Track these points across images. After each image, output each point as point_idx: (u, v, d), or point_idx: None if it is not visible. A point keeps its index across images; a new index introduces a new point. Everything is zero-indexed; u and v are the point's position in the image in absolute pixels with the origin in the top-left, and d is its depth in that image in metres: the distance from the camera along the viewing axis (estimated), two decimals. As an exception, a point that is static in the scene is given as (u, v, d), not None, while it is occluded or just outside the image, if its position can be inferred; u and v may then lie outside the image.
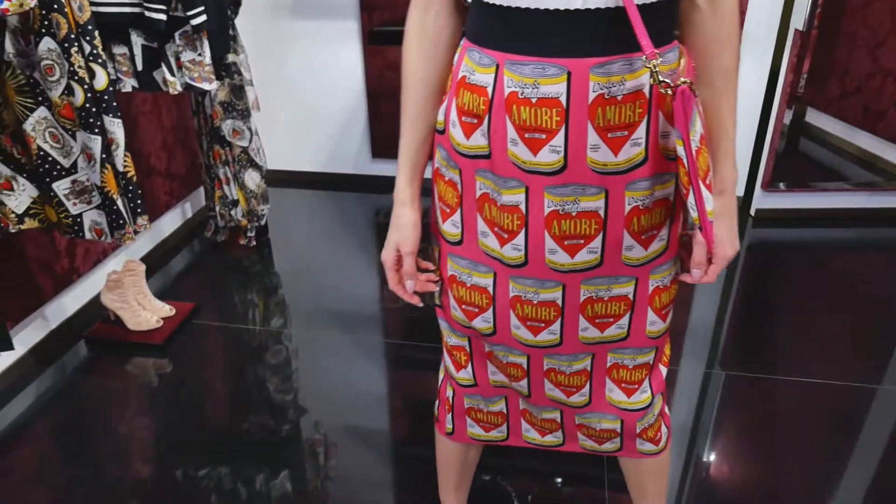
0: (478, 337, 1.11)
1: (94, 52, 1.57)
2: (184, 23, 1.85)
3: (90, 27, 1.56)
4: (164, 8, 1.79)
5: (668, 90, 0.80)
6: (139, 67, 1.92)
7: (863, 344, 2.16)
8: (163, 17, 1.80)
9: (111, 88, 1.63)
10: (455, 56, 0.95)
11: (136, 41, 1.88)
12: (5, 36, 1.54)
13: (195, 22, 1.83)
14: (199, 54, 1.92)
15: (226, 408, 1.99)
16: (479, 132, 0.90)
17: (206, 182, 2.62)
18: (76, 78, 1.55)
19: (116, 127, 1.64)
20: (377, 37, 2.70)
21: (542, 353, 1.07)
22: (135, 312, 2.15)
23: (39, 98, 1.60)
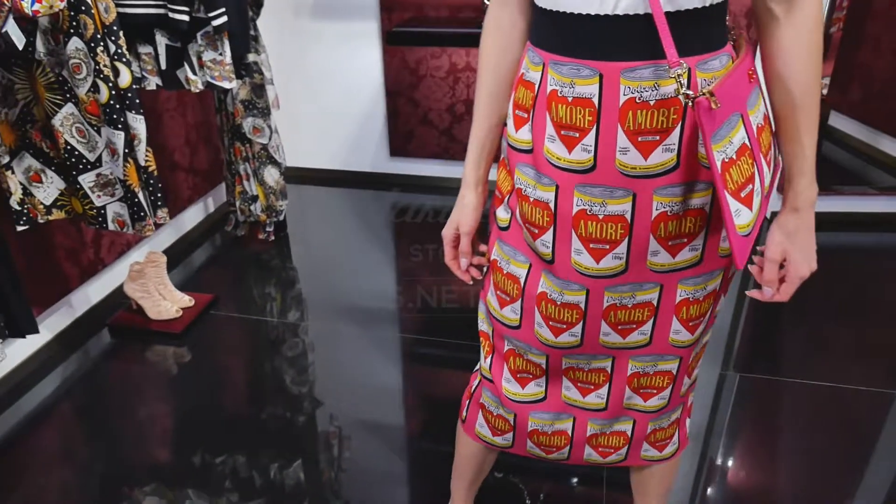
0: (502, 335, 1.12)
1: (119, 51, 1.65)
2: (205, 23, 1.92)
3: (115, 27, 1.63)
4: (186, 9, 1.86)
5: (688, 101, 0.80)
6: (163, 66, 2.00)
7: (879, 349, 2.14)
8: (185, 17, 1.87)
9: (134, 86, 1.71)
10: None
11: (161, 41, 1.96)
12: (37, 36, 1.62)
13: (216, 23, 1.90)
14: (220, 54, 1.98)
15: (242, 396, 2.05)
16: (526, 126, 0.95)
17: (228, 178, 2.70)
18: (101, 76, 1.62)
19: (139, 123, 1.72)
20: (395, 37, 2.74)
21: (560, 354, 1.08)
22: (156, 302, 2.23)
23: (67, 95, 1.68)
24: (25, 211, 1.77)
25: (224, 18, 1.91)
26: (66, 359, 2.13)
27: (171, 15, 1.87)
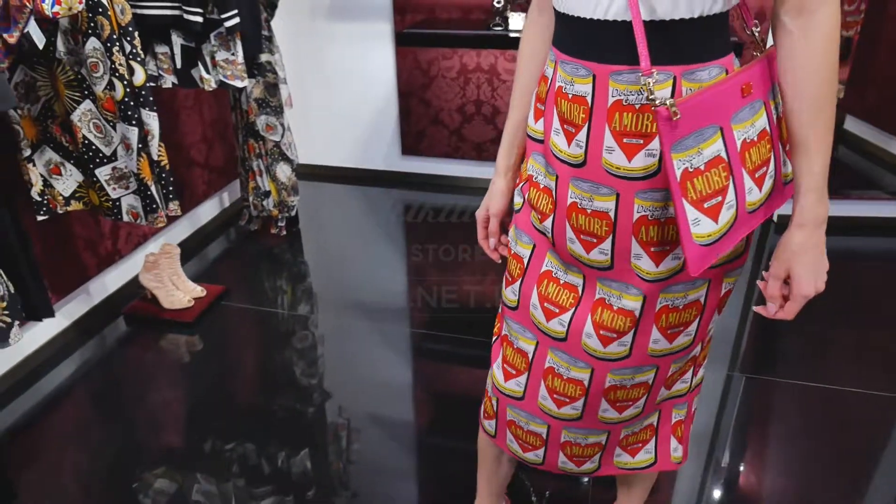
0: (502, 317, 1.19)
1: (134, 51, 1.73)
2: (218, 25, 2.00)
3: (130, 28, 1.72)
4: (200, 11, 1.95)
5: (654, 108, 0.82)
6: (178, 65, 2.08)
7: (889, 354, 2.13)
8: (199, 19, 1.95)
9: (149, 84, 1.79)
10: None
11: (176, 41, 2.04)
12: (57, 36, 1.71)
13: (229, 24, 1.98)
14: (233, 54, 2.06)
15: (251, 385, 2.12)
16: (543, 119, 1.02)
17: (242, 173, 2.79)
18: (117, 74, 1.71)
19: (152, 119, 1.80)
20: (405, 39, 2.80)
21: (547, 345, 1.10)
22: (169, 292, 2.32)
23: (85, 92, 1.77)
24: (45, 202, 1.86)
25: (236, 20, 1.99)
26: (83, 344, 2.23)
27: (185, 16, 1.95)
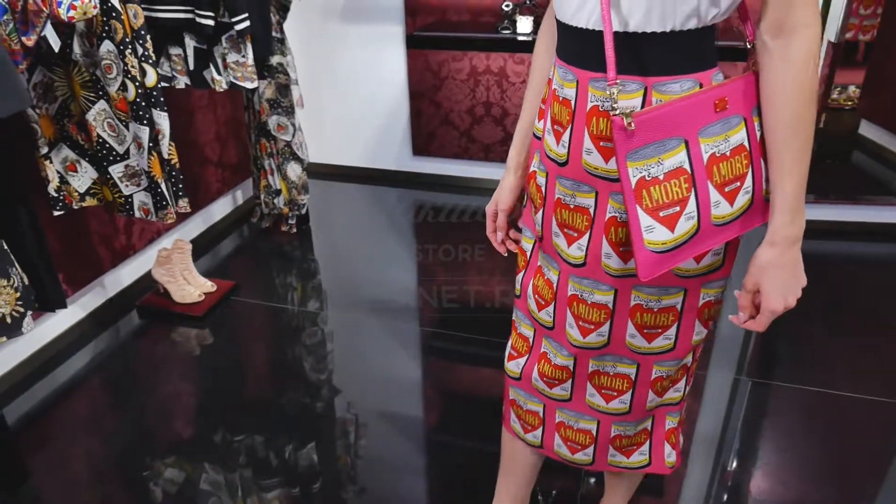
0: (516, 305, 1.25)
1: (146, 53, 1.80)
2: (229, 28, 2.06)
3: (143, 32, 1.78)
4: (212, 14, 2.01)
5: (611, 117, 0.86)
6: (191, 67, 2.15)
7: (894, 361, 2.13)
8: (211, 22, 2.02)
9: (160, 85, 1.85)
10: None
11: (189, 43, 2.11)
12: (74, 38, 1.78)
13: (239, 27, 2.04)
14: (243, 56, 2.12)
15: (260, 379, 2.17)
16: (543, 118, 1.07)
17: (254, 172, 2.85)
18: (129, 76, 1.78)
19: (163, 119, 1.87)
20: (416, 41, 2.84)
21: (542, 333, 1.16)
22: (180, 286, 2.39)
23: (100, 92, 1.84)
24: (61, 197, 1.93)
25: (246, 23, 2.05)
26: (97, 336, 2.31)
27: (198, 20, 2.01)
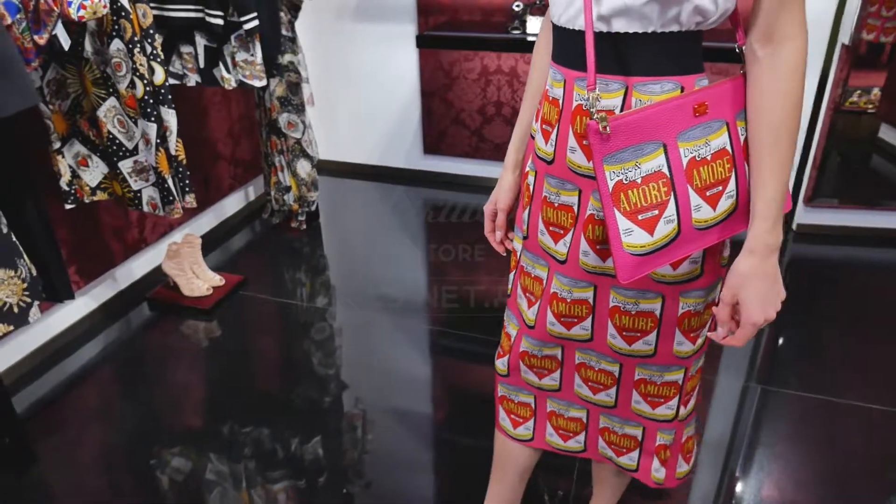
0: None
1: (154, 52, 1.84)
2: (238, 27, 2.10)
3: (151, 31, 1.82)
4: (221, 14, 2.04)
5: (589, 120, 0.86)
6: (202, 65, 2.19)
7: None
8: (220, 21, 2.05)
9: (168, 83, 1.89)
10: None
11: (200, 42, 2.15)
12: (85, 37, 1.82)
13: (248, 26, 2.07)
14: (252, 55, 2.16)
15: (266, 372, 2.21)
16: (538, 119, 1.08)
17: (265, 169, 2.89)
18: (138, 74, 1.82)
19: (170, 116, 1.91)
20: (427, 41, 2.86)
21: (522, 333, 1.17)
22: (189, 280, 2.43)
23: (110, 90, 1.88)
24: (73, 191, 1.99)
25: (255, 23, 2.08)
26: (108, 327, 2.36)
27: (207, 19, 2.05)
